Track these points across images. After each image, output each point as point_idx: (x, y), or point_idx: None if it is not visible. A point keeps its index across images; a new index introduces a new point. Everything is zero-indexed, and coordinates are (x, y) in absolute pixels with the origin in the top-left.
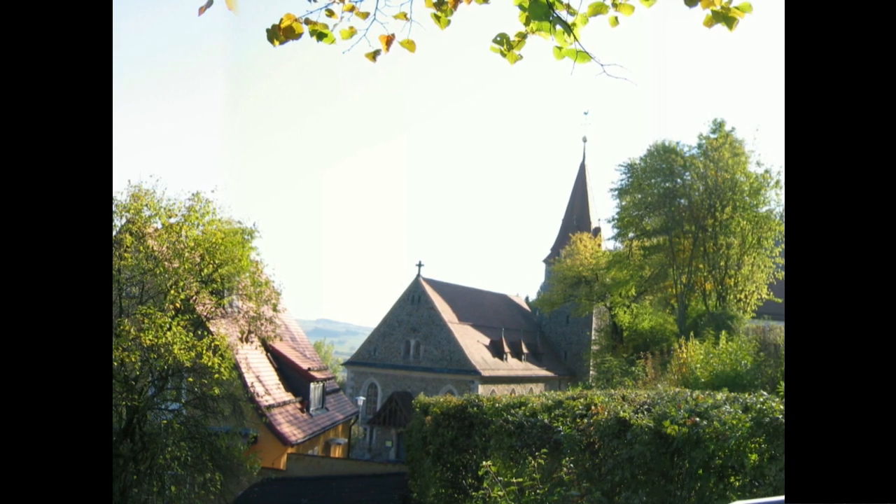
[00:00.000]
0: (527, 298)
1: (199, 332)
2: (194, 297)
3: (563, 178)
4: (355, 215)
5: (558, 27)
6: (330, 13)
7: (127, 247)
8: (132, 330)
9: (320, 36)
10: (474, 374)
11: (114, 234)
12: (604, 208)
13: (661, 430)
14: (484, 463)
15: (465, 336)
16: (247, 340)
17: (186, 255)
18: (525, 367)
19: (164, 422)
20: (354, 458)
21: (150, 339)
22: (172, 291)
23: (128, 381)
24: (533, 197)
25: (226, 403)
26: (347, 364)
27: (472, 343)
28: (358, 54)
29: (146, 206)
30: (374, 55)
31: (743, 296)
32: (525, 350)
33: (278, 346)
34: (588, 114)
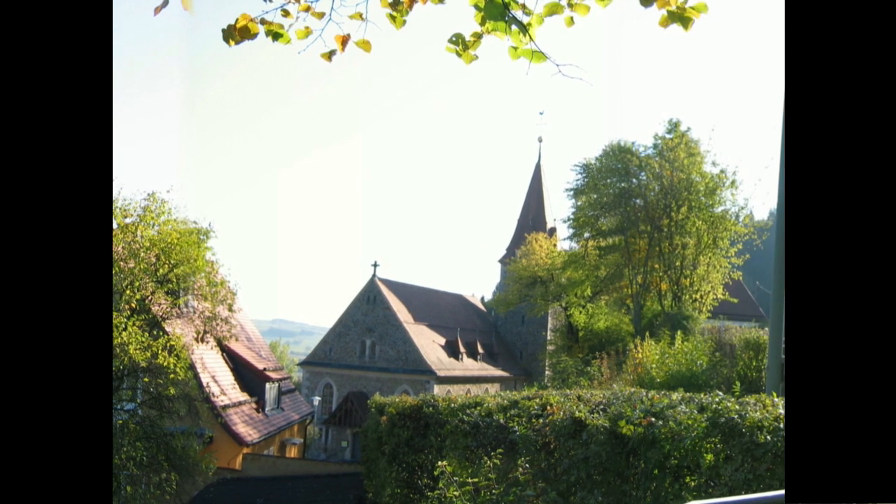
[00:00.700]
0: (482, 299)
1: (155, 332)
2: (150, 297)
3: (519, 178)
4: (311, 215)
5: (514, 27)
6: (286, 13)
7: None
8: None
9: (276, 36)
10: (430, 374)
11: None
12: (559, 208)
13: (616, 430)
14: (439, 463)
15: (420, 336)
16: (202, 340)
17: (142, 255)
18: (481, 368)
19: (120, 422)
20: (310, 458)
21: None
22: (128, 292)
23: None
24: (489, 197)
25: (181, 403)
26: (303, 364)
27: (428, 343)
28: (314, 54)
29: None
30: (330, 55)
31: (698, 296)
32: (481, 350)
33: (234, 346)
34: (544, 114)
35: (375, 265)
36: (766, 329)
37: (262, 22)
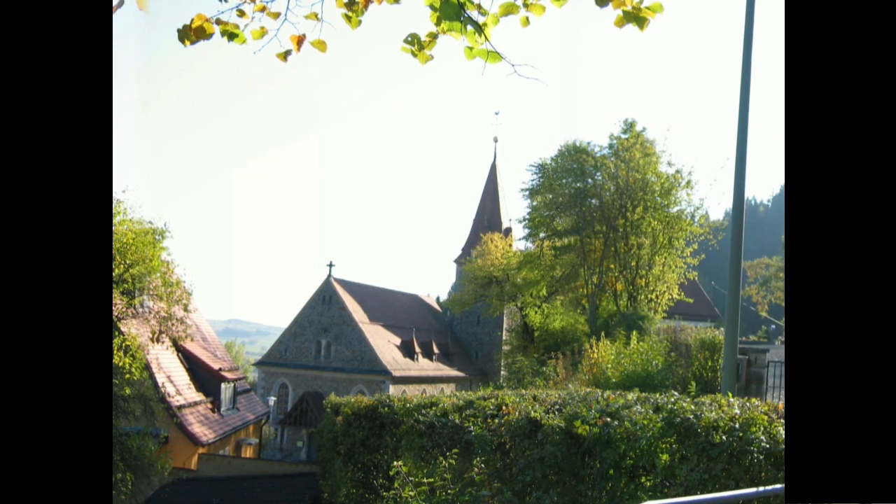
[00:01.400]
0: (438, 299)
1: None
2: None
3: (475, 178)
4: (266, 215)
5: (469, 27)
6: (241, 13)
7: None
8: None
9: (231, 36)
10: (385, 374)
11: None
12: (515, 208)
13: (572, 430)
14: (395, 463)
15: (376, 336)
16: (158, 340)
17: None
18: (436, 368)
19: None
20: (265, 458)
21: None
22: None
23: None
24: (444, 197)
25: (136, 403)
26: (258, 364)
27: (384, 343)
28: (269, 54)
29: None
30: (286, 55)
31: (654, 296)
32: (436, 350)
33: (189, 346)
34: (499, 114)
35: (331, 265)
36: (722, 329)
37: (218, 22)
